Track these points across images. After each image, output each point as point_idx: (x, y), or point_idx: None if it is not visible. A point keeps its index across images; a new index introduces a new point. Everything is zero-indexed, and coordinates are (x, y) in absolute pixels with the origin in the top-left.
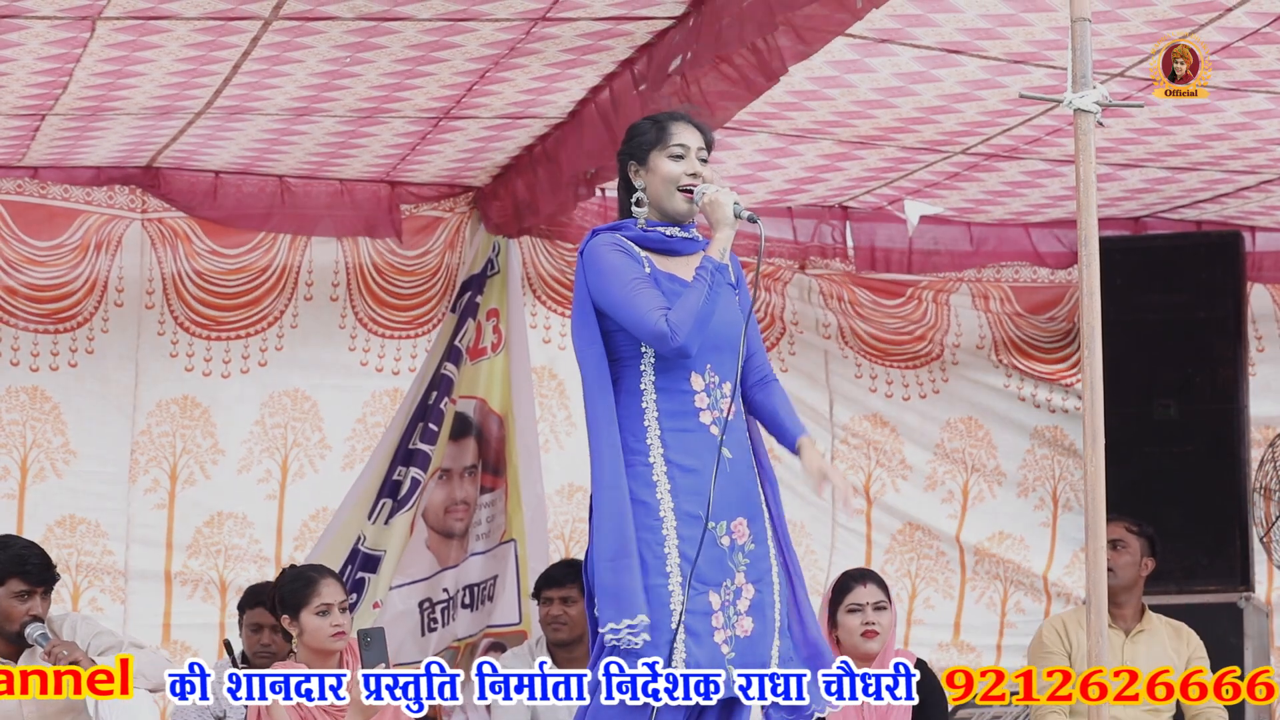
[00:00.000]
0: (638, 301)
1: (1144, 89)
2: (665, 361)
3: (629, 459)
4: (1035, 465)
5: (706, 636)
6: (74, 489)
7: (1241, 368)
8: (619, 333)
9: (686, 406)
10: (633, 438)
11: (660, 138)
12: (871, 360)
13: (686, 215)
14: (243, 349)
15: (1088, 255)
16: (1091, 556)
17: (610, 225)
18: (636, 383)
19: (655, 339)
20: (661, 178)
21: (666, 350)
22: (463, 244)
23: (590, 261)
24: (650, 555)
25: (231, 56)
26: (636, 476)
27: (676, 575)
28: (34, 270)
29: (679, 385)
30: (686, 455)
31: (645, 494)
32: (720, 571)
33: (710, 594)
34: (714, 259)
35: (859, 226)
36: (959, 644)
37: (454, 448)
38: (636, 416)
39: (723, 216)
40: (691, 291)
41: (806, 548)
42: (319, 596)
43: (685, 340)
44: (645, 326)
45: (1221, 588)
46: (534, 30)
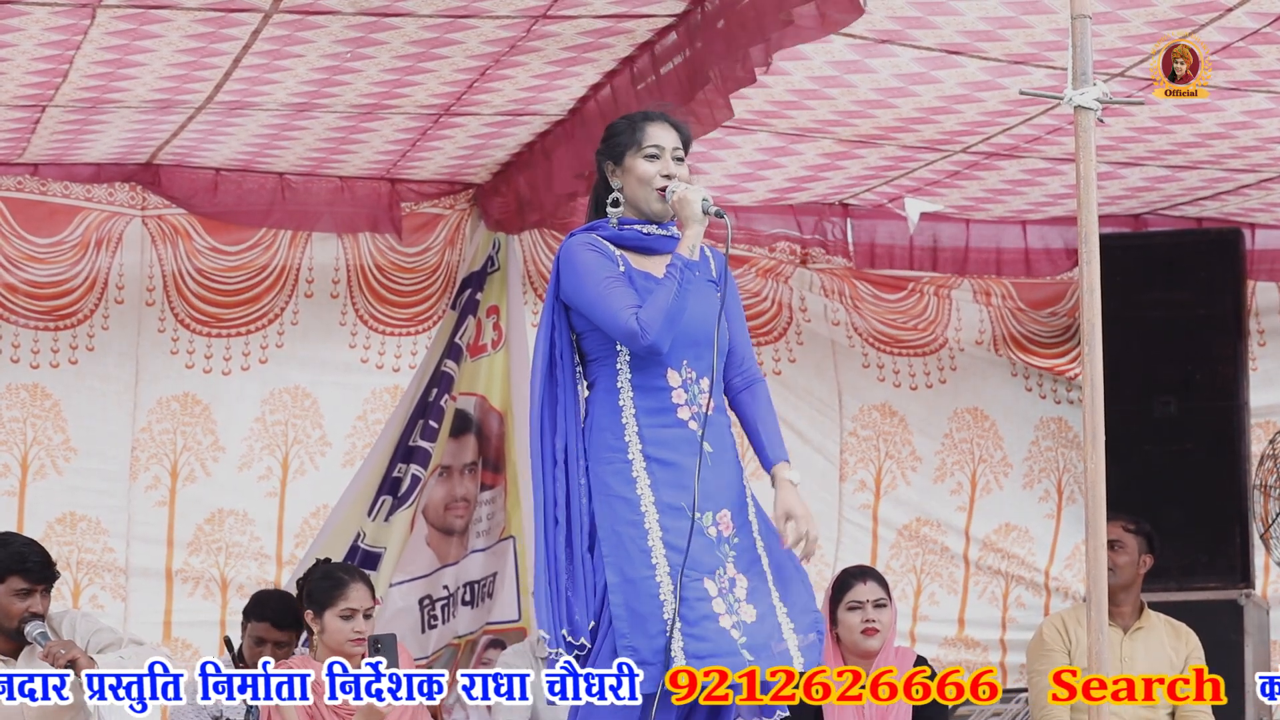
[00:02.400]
0: (609, 300)
1: (1144, 88)
2: (641, 359)
3: (607, 456)
4: (1040, 457)
5: (711, 623)
6: (74, 486)
7: (1242, 365)
8: (594, 332)
9: (664, 403)
10: (611, 435)
11: (635, 138)
12: (879, 350)
13: (663, 214)
14: (243, 346)
15: (1088, 252)
16: (1091, 554)
17: (586, 226)
18: (613, 381)
19: (626, 337)
20: (636, 178)
21: (637, 348)
22: (463, 241)
23: (565, 262)
24: (633, 549)
25: (232, 49)
26: (616, 474)
27: (664, 566)
28: (34, 267)
29: (656, 382)
30: (665, 450)
31: (625, 490)
32: (712, 559)
33: (705, 580)
34: (683, 255)
35: (859, 224)
36: (964, 639)
37: (454, 445)
38: (614, 414)
39: (692, 214)
40: (661, 289)
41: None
42: (346, 600)
43: (656, 337)
44: (617, 325)
45: (1221, 584)
46: (535, 28)
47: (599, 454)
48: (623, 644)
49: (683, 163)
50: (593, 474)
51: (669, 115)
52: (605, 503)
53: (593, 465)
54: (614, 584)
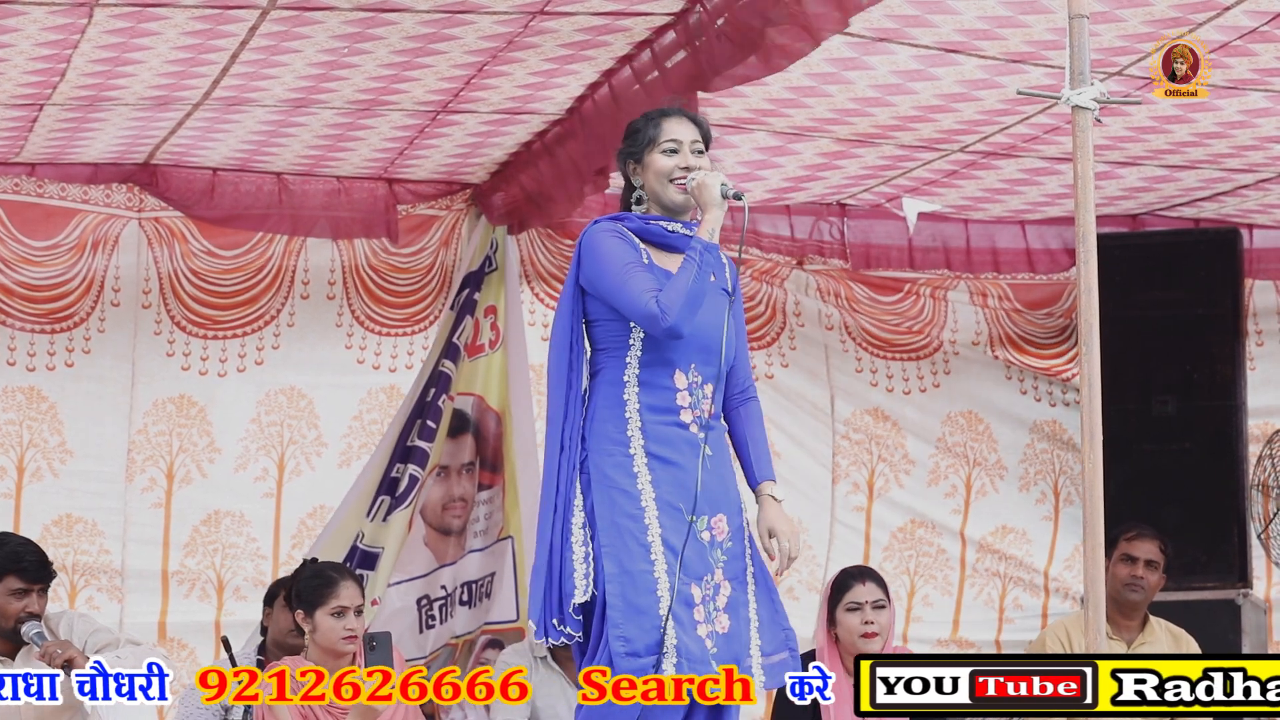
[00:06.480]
0: (630, 284)
1: (1142, 88)
2: (651, 356)
3: (609, 448)
4: (1036, 459)
5: (691, 629)
6: (71, 488)
7: (1240, 365)
8: (608, 321)
9: (669, 403)
10: (614, 428)
11: (654, 135)
12: (872, 354)
13: (684, 207)
14: (239, 348)
15: (1085, 252)
16: (1090, 554)
17: (612, 215)
18: (620, 374)
19: (646, 320)
20: (655, 172)
21: (657, 331)
22: (459, 241)
23: (587, 248)
24: (634, 542)
25: (229, 46)
26: (617, 466)
27: (661, 563)
28: (30, 270)
29: (662, 381)
30: (667, 448)
31: (626, 483)
32: (702, 565)
33: (693, 586)
34: (703, 239)
35: (855, 224)
36: (958, 640)
37: (452, 445)
38: (618, 407)
39: (710, 198)
40: (681, 272)
41: (804, 544)
42: (336, 598)
43: (676, 320)
44: (637, 308)
45: (1220, 584)
46: (532, 24)
47: (599, 445)
48: (615, 633)
49: (703, 155)
50: (592, 464)
51: (685, 110)
52: (605, 494)
53: (592, 455)
54: (611, 574)
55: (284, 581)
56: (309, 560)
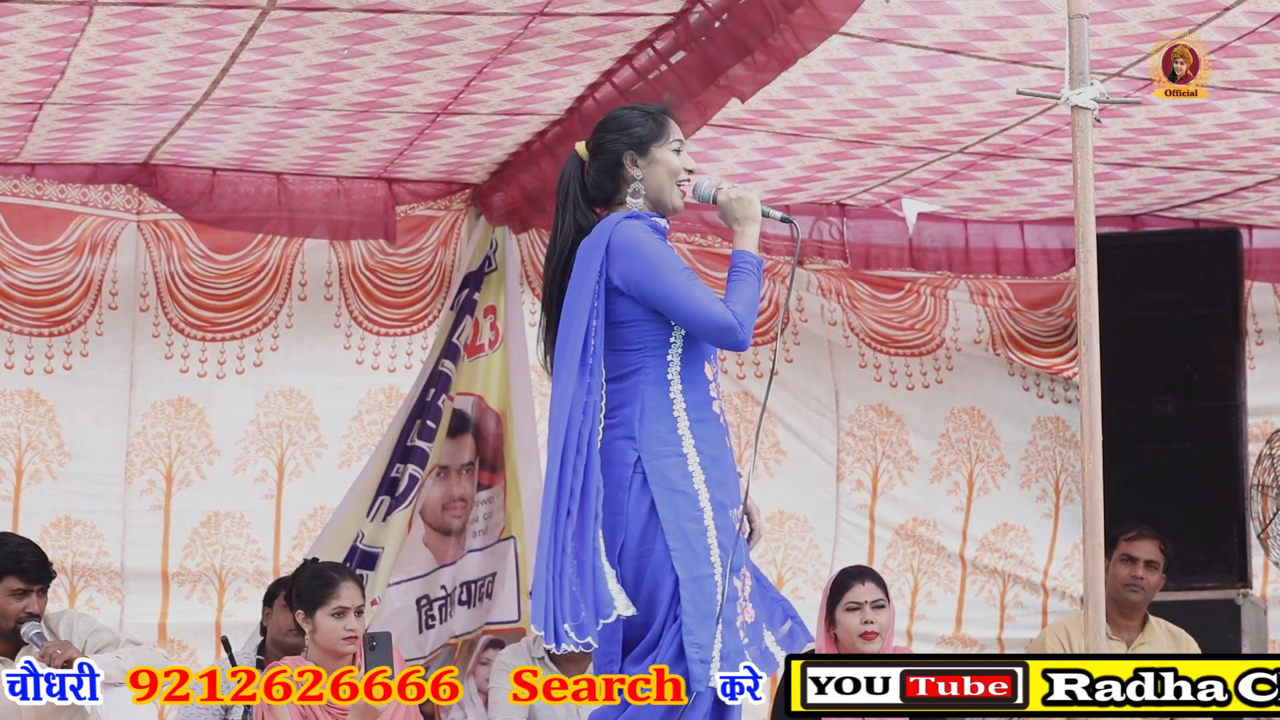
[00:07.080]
0: (698, 292)
1: (1142, 88)
2: (690, 352)
3: (662, 450)
4: (1038, 457)
5: (734, 627)
6: (69, 491)
7: (1239, 365)
8: (645, 322)
9: (704, 396)
10: (664, 429)
11: (660, 131)
12: (875, 349)
13: (678, 208)
14: (238, 349)
15: (1085, 252)
16: (1089, 554)
17: (630, 214)
18: (664, 373)
19: (719, 330)
20: (667, 170)
21: (726, 342)
22: (458, 241)
23: (626, 247)
24: (698, 546)
25: (229, 46)
26: (674, 468)
27: (717, 565)
28: (28, 273)
29: (698, 375)
30: (711, 445)
31: (684, 484)
32: (739, 557)
33: (736, 581)
34: (754, 255)
35: (855, 224)
36: (961, 637)
37: (451, 445)
38: (665, 407)
39: (751, 213)
40: (747, 287)
41: (810, 542)
42: (337, 599)
43: (749, 335)
44: (710, 318)
45: (1219, 584)
46: (531, 25)
47: (652, 446)
48: (690, 639)
49: None
50: (647, 466)
51: (673, 112)
52: (668, 497)
53: (646, 458)
54: (684, 580)
55: (283, 582)
56: (309, 560)
